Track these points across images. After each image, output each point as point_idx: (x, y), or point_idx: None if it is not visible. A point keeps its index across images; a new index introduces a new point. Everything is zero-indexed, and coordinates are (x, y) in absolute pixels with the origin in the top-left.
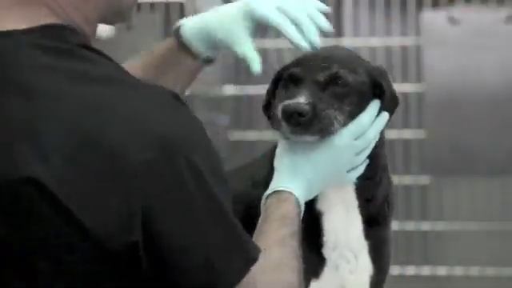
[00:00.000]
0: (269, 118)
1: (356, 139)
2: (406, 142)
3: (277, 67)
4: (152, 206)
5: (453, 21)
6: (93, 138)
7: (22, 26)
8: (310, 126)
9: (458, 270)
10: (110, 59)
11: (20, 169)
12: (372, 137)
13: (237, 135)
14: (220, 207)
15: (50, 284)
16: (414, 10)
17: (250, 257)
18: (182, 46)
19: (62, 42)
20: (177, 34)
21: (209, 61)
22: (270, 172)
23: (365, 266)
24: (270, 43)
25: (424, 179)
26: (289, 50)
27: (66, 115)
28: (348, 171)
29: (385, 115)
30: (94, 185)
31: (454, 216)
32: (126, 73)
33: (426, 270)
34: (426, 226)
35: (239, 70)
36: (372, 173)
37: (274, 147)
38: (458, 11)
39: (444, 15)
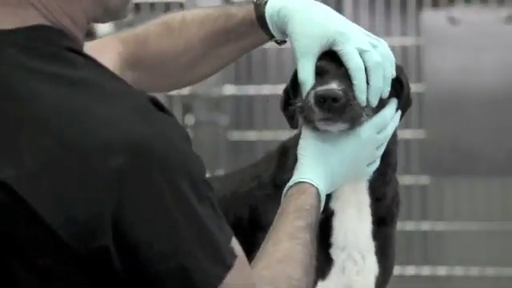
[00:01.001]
0: (288, 116)
1: (378, 133)
2: (406, 142)
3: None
4: (123, 212)
5: (453, 21)
6: (67, 141)
7: (8, 26)
8: (342, 113)
9: (458, 270)
10: (95, 62)
11: None
12: (390, 132)
13: (237, 135)
14: (194, 214)
15: (27, 287)
16: (413, 10)
17: (226, 264)
18: (262, 24)
19: (46, 43)
20: (259, 9)
21: (283, 41)
22: (275, 172)
23: (371, 267)
24: (269, 43)
25: (424, 179)
26: (290, 50)
27: (42, 117)
28: (367, 165)
29: (399, 112)
30: (64, 188)
31: (454, 216)
32: (111, 77)
33: (426, 270)
34: (425, 225)
35: (239, 70)
36: (384, 170)
37: (280, 147)
38: (458, 11)
39: (444, 15)
